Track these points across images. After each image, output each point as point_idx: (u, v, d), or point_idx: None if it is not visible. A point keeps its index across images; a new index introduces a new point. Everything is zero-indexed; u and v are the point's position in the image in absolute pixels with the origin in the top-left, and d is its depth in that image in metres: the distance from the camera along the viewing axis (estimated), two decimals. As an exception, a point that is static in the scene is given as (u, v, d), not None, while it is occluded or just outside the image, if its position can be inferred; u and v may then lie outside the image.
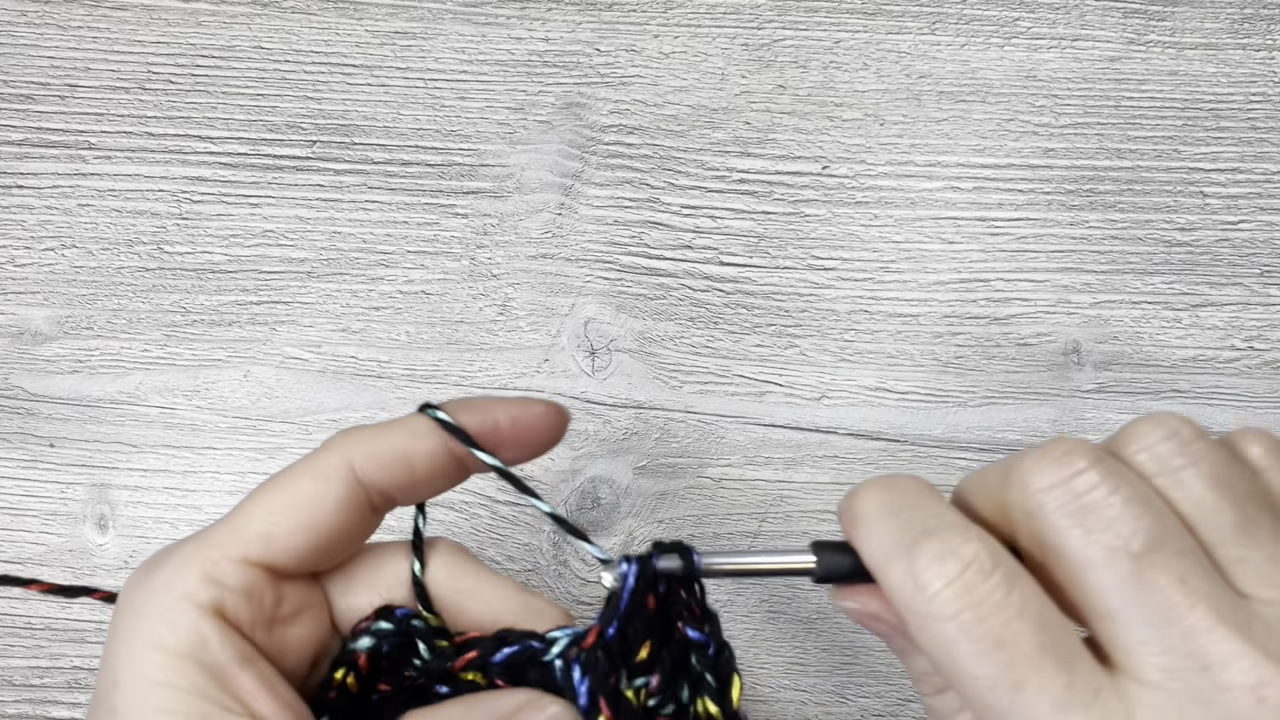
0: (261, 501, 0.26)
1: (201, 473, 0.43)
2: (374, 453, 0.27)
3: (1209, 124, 0.46)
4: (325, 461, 0.26)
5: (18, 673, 0.42)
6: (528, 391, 0.44)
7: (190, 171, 0.46)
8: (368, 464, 0.27)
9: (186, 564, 0.25)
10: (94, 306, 0.45)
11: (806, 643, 0.42)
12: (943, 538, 0.23)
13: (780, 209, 0.46)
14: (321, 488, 0.26)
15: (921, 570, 0.23)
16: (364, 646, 0.27)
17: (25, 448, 0.43)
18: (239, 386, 0.44)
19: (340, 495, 0.26)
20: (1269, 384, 0.44)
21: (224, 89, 0.46)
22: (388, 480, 0.27)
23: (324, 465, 0.26)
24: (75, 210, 0.45)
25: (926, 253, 0.45)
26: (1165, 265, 0.45)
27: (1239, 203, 0.46)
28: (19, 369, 0.44)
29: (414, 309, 0.45)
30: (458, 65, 0.47)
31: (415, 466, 0.27)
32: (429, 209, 0.45)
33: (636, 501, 0.43)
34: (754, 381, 0.44)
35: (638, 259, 0.45)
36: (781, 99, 0.47)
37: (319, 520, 0.26)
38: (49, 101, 0.46)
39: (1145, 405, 0.44)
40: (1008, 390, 0.44)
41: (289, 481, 0.26)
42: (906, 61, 0.47)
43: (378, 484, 0.27)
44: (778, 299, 0.45)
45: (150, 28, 0.47)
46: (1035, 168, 0.46)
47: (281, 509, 0.26)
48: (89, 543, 0.43)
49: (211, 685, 0.24)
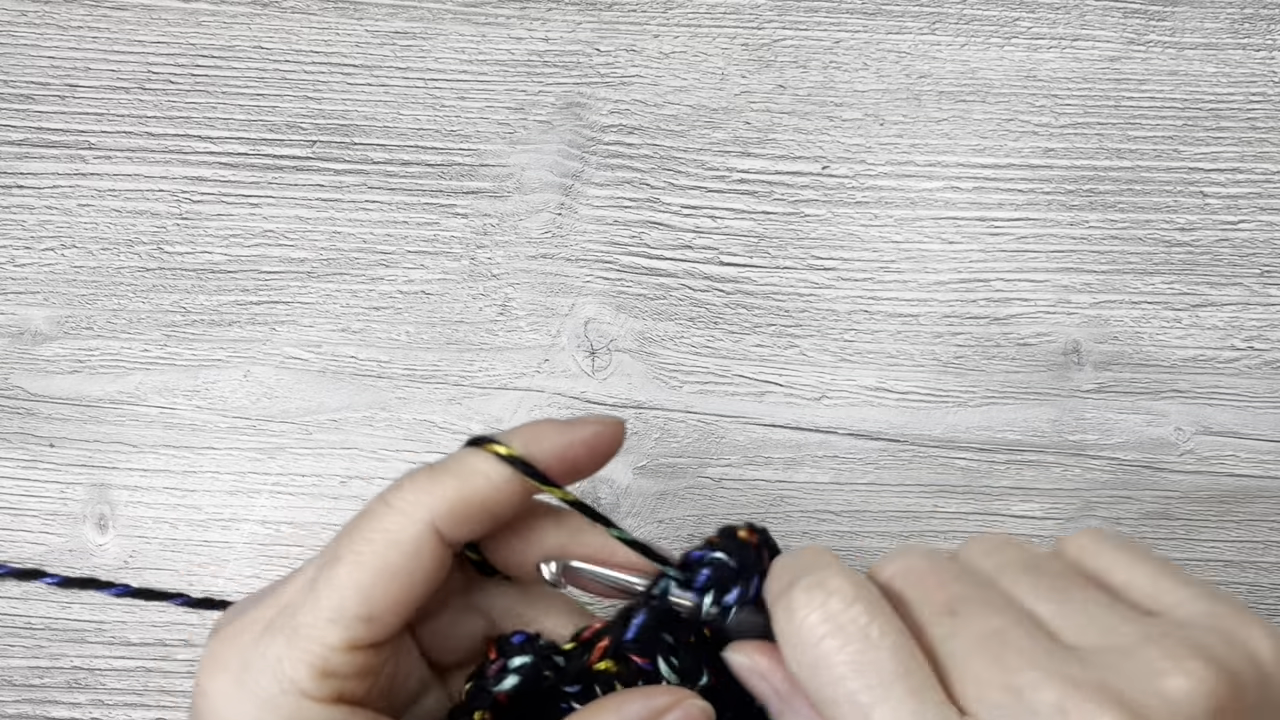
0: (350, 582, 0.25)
1: (201, 473, 0.43)
2: (458, 512, 0.26)
3: (1209, 124, 0.46)
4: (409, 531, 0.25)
5: (18, 673, 0.42)
6: (528, 392, 0.44)
7: (190, 171, 0.46)
8: (451, 526, 0.26)
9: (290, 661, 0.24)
10: (94, 306, 0.45)
11: (806, 643, 0.42)
12: (816, 574, 0.25)
13: (780, 209, 0.46)
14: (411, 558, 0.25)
15: (794, 599, 0.24)
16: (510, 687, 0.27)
17: (25, 448, 0.43)
18: (239, 386, 0.44)
19: (429, 563, 0.25)
20: (1269, 384, 0.44)
21: (224, 89, 0.46)
22: (472, 533, 0.27)
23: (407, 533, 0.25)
24: (75, 210, 0.45)
25: (926, 253, 0.45)
26: (1165, 265, 0.45)
27: (1239, 203, 0.46)
28: (19, 369, 0.44)
29: (414, 309, 0.45)
30: (458, 65, 0.47)
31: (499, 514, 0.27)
32: (429, 209, 0.45)
33: (636, 501, 0.43)
34: (754, 381, 0.44)
35: (638, 259, 0.45)
36: (781, 99, 0.47)
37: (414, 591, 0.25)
38: (49, 101, 0.46)
39: (1145, 405, 0.44)
40: (1008, 390, 0.44)
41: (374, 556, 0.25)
42: (906, 61, 0.47)
43: (461, 539, 0.26)
44: (778, 299, 0.45)
45: (150, 28, 0.47)
46: (1035, 168, 0.46)
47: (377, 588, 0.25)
48: (89, 543, 0.43)
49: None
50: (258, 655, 0.25)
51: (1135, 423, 0.44)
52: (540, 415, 0.44)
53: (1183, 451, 0.44)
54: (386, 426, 0.44)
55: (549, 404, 0.44)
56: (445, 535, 0.26)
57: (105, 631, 0.42)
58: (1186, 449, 0.44)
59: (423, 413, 0.44)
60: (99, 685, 0.42)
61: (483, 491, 0.26)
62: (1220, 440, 0.44)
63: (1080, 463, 0.44)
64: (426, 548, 0.25)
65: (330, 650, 0.24)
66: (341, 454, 0.43)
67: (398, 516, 0.25)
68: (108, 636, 0.42)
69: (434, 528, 0.25)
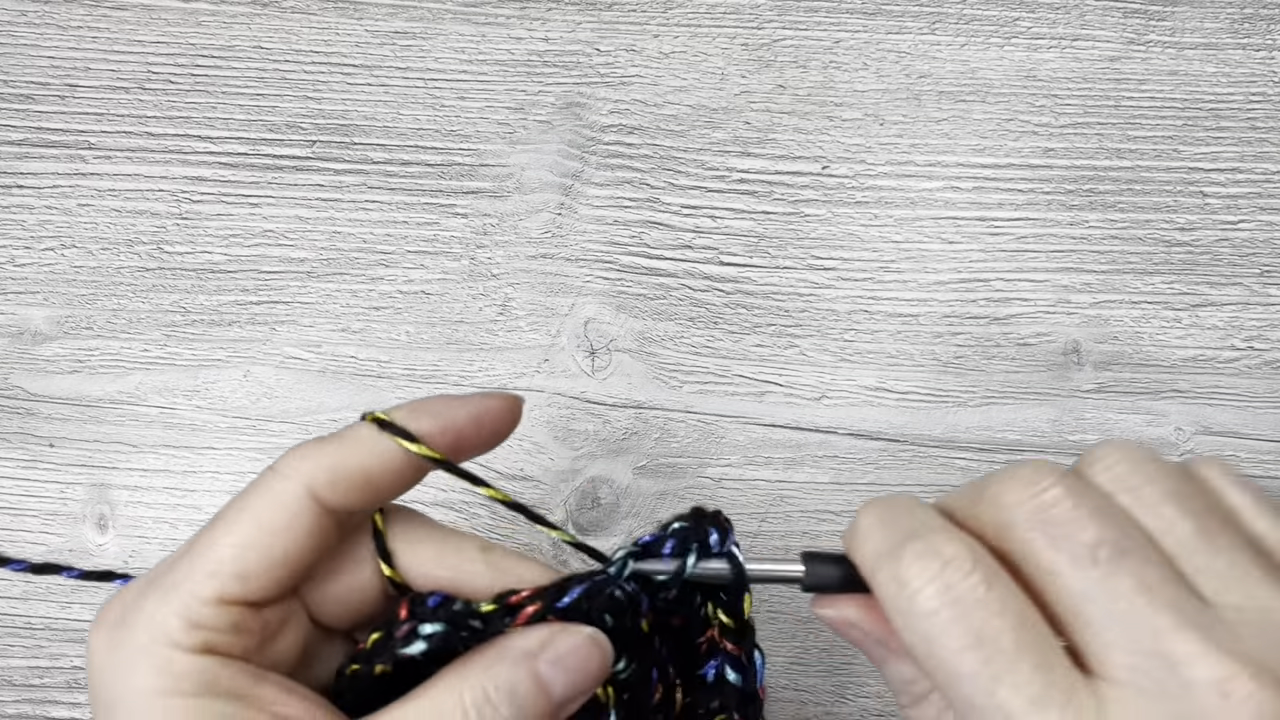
0: (227, 538, 0.26)
1: (201, 473, 0.43)
2: (335, 477, 0.26)
3: (1209, 124, 0.46)
4: (286, 490, 0.26)
5: (18, 673, 0.42)
6: (528, 392, 0.44)
7: (190, 171, 0.46)
8: (330, 489, 0.26)
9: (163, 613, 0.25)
10: (94, 306, 0.45)
11: (806, 642, 0.42)
12: (926, 539, 0.24)
13: (780, 209, 0.46)
14: (288, 519, 0.26)
15: (905, 569, 0.23)
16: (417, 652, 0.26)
17: (25, 448, 0.43)
18: (239, 386, 0.44)
19: (308, 524, 0.26)
20: (1269, 384, 0.44)
21: (224, 89, 0.46)
22: (351, 500, 0.27)
23: (286, 494, 0.26)
24: (75, 210, 0.45)
25: (926, 253, 0.45)
26: (1165, 265, 0.45)
27: (1239, 203, 0.46)
28: (19, 369, 0.44)
29: (414, 309, 0.45)
30: (458, 65, 0.47)
31: (377, 483, 0.27)
32: (429, 209, 0.45)
33: (636, 501, 0.43)
34: (754, 381, 0.44)
35: (638, 259, 0.45)
36: (781, 99, 0.47)
37: (290, 551, 0.26)
38: (49, 101, 0.46)
39: (1145, 405, 0.44)
40: (1008, 390, 0.44)
41: (253, 515, 0.26)
42: (906, 61, 0.47)
43: (341, 505, 0.27)
44: (778, 299, 0.45)
45: (150, 28, 0.47)
46: (1035, 168, 0.46)
47: (252, 546, 0.25)
48: (89, 543, 0.43)
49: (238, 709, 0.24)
50: (134, 609, 0.25)
51: (1135, 423, 0.44)
52: (541, 415, 0.44)
53: (1183, 451, 0.44)
54: (386, 426, 0.44)
55: (549, 404, 0.44)
56: (324, 499, 0.26)
57: (105, 631, 0.42)
58: (1186, 449, 0.44)
59: (423, 413, 0.44)
60: (99, 685, 0.42)
61: (360, 457, 0.26)
62: (1220, 440, 0.44)
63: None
64: (305, 509, 0.26)
65: (200, 602, 0.25)
66: (341, 454, 0.43)
67: (279, 479, 0.26)
68: (108, 636, 0.42)
69: (312, 491, 0.26)
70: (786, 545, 0.43)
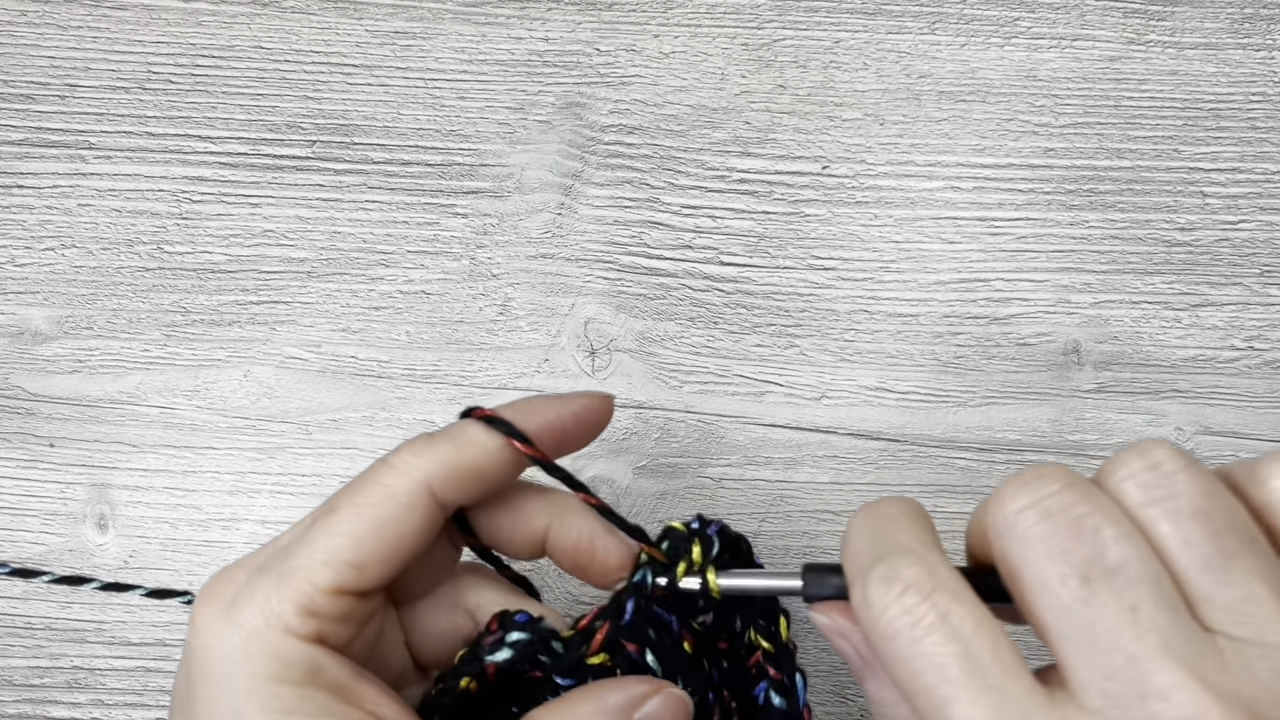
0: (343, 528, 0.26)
1: (201, 473, 0.43)
2: (449, 474, 0.27)
3: (1209, 124, 0.46)
4: (400, 484, 0.27)
5: (18, 673, 0.42)
6: (528, 391, 0.44)
7: (190, 171, 0.46)
8: (444, 485, 0.27)
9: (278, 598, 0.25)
10: (94, 306, 0.45)
11: (806, 642, 0.42)
12: (890, 561, 0.24)
13: (780, 209, 0.46)
14: (403, 512, 0.26)
15: (871, 590, 0.24)
16: (502, 659, 0.27)
17: (25, 448, 0.43)
18: (239, 386, 0.44)
19: (420, 519, 0.27)
20: (1269, 384, 0.44)
21: (224, 89, 0.46)
22: (462, 496, 0.28)
23: (400, 488, 0.26)
24: (75, 210, 0.45)
25: (926, 253, 0.45)
26: (1165, 265, 0.45)
27: (1239, 203, 0.46)
28: (19, 369, 0.44)
29: (414, 309, 0.45)
30: (458, 65, 0.47)
31: (490, 480, 0.28)
32: (429, 209, 0.45)
33: (636, 501, 0.43)
34: (754, 381, 0.44)
35: (638, 259, 0.45)
36: (781, 99, 0.47)
37: (403, 544, 0.26)
38: (49, 101, 0.46)
39: (1145, 405, 0.44)
40: (1008, 390, 0.44)
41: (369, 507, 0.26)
42: (906, 61, 0.47)
43: (453, 500, 0.27)
44: (778, 299, 0.45)
45: (150, 28, 0.47)
46: (1035, 168, 0.46)
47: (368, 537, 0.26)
48: (89, 543, 0.43)
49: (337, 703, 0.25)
50: (248, 591, 0.26)
51: (1135, 423, 0.44)
52: (540, 415, 0.44)
53: (1183, 451, 0.44)
54: (386, 426, 0.44)
55: (549, 404, 0.44)
56: (438, 496, 0.27)
57: (105, 631, 0.42)
58: (1187, 449, 0.44)
59: (423, 413, 0.44)
60: (99, 685, 0.42)
61: (475, 456, 0.27)
62: (1220, 440, 0.44)
63: (1080, 463, 0.44)
64: (420, 505, 0.26)
65: (317, 590, 0.25)
66: (341, 454, 0.43)
67: (396, 474, 0.27)
68: (108, 636, 0.42)
69: (428, 487, 0.27)
70: (786, 545, 0.43)
